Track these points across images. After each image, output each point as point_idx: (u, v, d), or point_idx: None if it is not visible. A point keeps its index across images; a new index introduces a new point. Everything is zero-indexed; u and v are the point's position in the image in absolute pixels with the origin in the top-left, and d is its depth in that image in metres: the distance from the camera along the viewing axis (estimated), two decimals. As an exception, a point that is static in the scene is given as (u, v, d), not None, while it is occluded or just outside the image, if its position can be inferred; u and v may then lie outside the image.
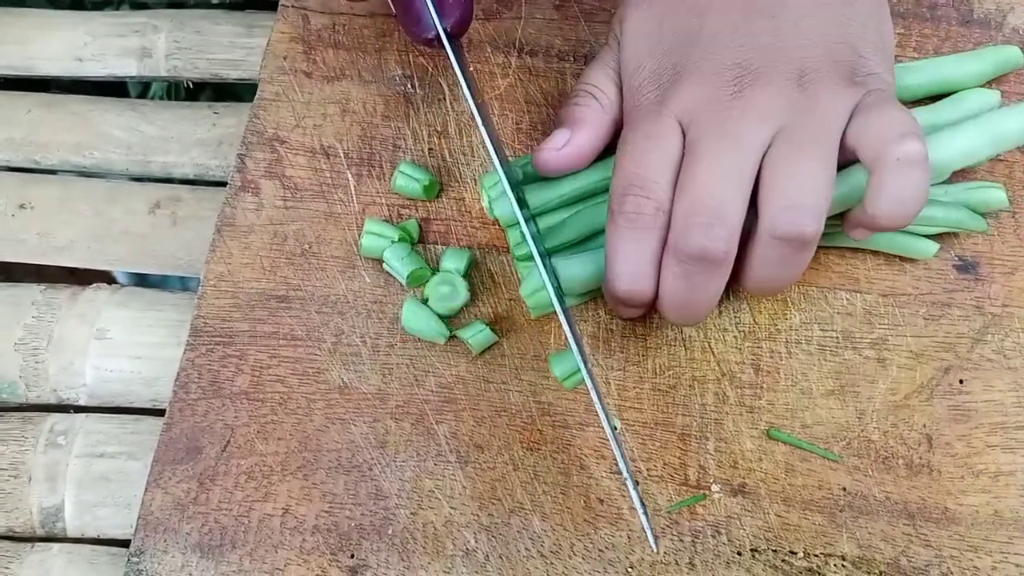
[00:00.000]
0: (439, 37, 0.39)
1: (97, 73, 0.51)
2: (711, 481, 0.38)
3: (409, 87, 0.45)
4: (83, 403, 0.43)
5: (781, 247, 0.34)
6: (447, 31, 0.39)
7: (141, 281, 0.61)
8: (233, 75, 0.50)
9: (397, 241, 0.41)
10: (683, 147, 0.36)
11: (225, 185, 0.44)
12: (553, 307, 0.37)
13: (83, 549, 0.40)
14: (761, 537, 0.37)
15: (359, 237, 0.41)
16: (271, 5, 0.49)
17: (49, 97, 0.51)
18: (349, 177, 0.43)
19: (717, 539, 0.37)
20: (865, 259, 0.42)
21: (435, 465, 0.38)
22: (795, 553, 0.37)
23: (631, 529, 0.37)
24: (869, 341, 0.40)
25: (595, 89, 0.40)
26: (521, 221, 0.37)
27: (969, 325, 0.41)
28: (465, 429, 0.39)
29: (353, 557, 0.37)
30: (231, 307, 0.40)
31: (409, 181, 0.42)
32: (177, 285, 0.60)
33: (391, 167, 0.43)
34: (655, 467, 0.38)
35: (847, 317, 0.41)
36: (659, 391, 0.39)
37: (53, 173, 0.50)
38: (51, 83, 0.58)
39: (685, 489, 0.38)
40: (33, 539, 0.40)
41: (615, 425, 0.36)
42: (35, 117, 0.50)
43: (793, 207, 0.33)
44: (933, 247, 0.41)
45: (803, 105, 0.35)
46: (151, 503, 0.37)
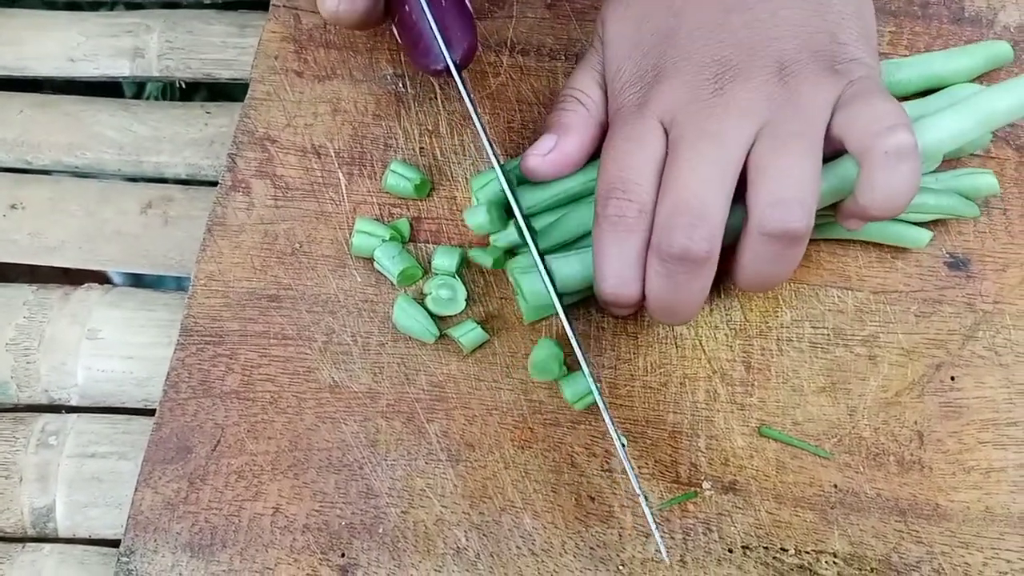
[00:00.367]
0: (448, 68, 0.39)
1: (90, 73, 0.51)
2: (702, 478, 0.38)
3: (400, 86, 0.45)
4: (75, 403, 0.43)
5: (771, 243, 0.34)
6: (455, 63, 0.39)
7: (136, 281, 0.61)
8: (225, 75, 0.50)
9: (388, 240, 0.41)
10: (666, 147, 0.36)
11: (217, 185, 0.44)
12: (546, 312, 0.37)
13: (74, 549, 0.40)
14: (752, 534, 0.37)
15: (350, 236, 0.41)
16: (263, 5, 0.49)
17: (42, 97, 0.51)
18: (340, 176, 0.43)
19: (708, 536, 0.37)
20: (856, 256, 0.42)
21: (426, 463, 0.38)
22: (786, 550, 0.37)
23: (622, 527, 0.37)
24: (860, 338, 0.40)
25: (580, 94, 0.40)
26: (529, 240, 0.38)
27: (960, 322, 0.41)
28: (456, 427, 0.39)
29: (344, 556, 0.37)
30: (222, 306, 0.40)
31: (400, 180, 0.42)
32: (172, 285, 0.60)
33: (382, 166, 0.43)
34: (646, 465, 0.38)
35: (838, 314, 0.41)
36: (650, 389, 0.39)
37: (46, 173, 0.50)
38: (44, 83, 0.59)
39: (676, 487, 0.38)
40: (24, 539, 0.40)
41: (623, 443, 0.37)
42: (27, 117, 0.50)
43: (780, 203, 0.33)
44: (926, 235, 0.41)
45: (785, 99, 0.35)
46: (141, 503, 0.37)
